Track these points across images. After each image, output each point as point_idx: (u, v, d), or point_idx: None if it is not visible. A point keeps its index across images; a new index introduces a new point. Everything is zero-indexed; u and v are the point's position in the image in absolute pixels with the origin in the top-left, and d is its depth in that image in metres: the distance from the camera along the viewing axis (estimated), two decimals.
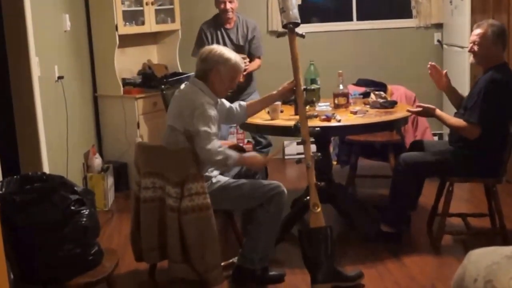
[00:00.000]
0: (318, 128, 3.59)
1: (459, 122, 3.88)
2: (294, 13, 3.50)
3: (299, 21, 3.53)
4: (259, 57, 5.30)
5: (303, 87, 3.62)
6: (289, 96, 3.77)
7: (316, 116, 4.00)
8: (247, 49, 5.20)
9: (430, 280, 3.57)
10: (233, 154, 3.40)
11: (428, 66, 4.11)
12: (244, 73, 4.86)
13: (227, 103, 3.76)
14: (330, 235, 3.43)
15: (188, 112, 3.36)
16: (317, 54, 5.49)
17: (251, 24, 5.24)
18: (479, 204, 4.68)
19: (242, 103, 3.83)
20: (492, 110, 3.78)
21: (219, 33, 5.12)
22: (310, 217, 3.47)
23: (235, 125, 6.11)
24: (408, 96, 5.20)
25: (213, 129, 3.35)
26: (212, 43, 5.01)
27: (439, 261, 3.86)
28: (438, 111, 3.96)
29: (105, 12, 5.33)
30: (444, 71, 4.12)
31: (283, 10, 3.50)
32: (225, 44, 5.06)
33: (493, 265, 2.21)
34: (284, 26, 3.54)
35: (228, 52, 3.51)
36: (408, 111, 4.10)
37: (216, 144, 3.33)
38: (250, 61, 5.12)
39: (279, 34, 3.68)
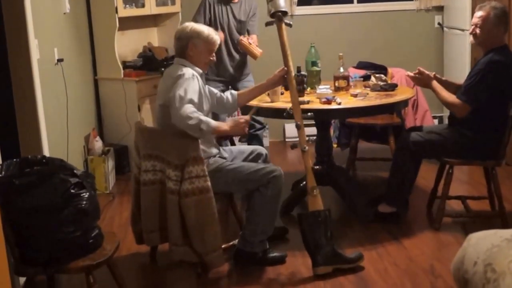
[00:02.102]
0: (311, 114, 3.60)
1: (451, 97, 3.90)
2: (282, 1, 3.58)
3: (286, 9, 3.61)
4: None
5: (293, 73, 3.64)
6: (281, 84, 3.78)
7: (307, 102, 3.98)
8: (246, 24, 5.19)
9: (429, 262, 3.59)
10: (209, 120, 3.34)
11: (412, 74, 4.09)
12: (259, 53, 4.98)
13: (215, 91, 3.77)
14: (328, 217, 3.45)
15: (170, 87, 3.36)
16: (318, 37, 5.47)
17: (253, 2, 5.23)
18: (479, 187, 4.69)
19: (234, 92, 3.84)
20: (487, 91, 3.78)
21: (223, 7, 5.09)
22: (308, 201, 3.49)
23: None
24: (408, 79, 5.17)
25: (189, 94, 3.28)
26: (211, 14, 4.99)
27: (438, 243, 3.87)
28: (435, 83, 3.98)
29: None
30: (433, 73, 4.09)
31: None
32: (227, 19, 5.05)
33: (493, 248, 2.21)
34: (271, 15, 3.60)
35: (200, 27, 3.56)
36: (408, 75, 4.10)
37: (188, 108, 3.24)
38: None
39: (267, 23, 3.69)
